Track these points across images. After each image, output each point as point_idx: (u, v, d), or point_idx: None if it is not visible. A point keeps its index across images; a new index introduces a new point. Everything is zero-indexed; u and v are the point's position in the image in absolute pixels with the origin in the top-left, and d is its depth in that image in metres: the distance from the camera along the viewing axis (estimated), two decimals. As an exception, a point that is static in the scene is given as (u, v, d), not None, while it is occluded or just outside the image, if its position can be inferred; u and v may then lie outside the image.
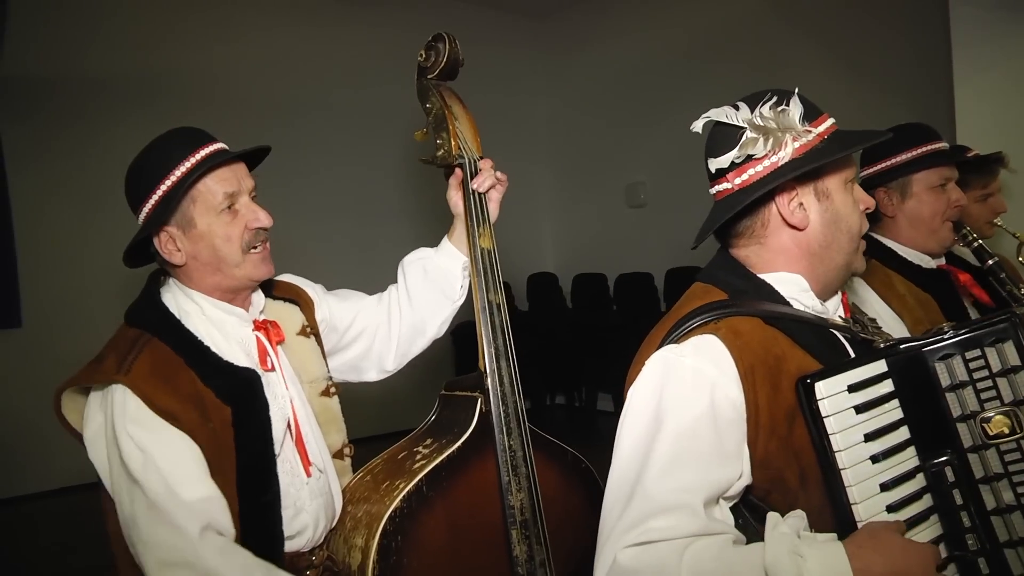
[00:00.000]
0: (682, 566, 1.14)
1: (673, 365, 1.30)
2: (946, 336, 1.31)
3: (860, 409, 1.28)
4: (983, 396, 1.29)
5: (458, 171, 1.98)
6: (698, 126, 1.45)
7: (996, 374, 1.28)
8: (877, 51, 5.72)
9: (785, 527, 1.19)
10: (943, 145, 2.17)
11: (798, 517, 1.24)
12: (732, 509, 1.32)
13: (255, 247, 1.70)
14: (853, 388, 1.28)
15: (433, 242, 2.05)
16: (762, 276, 1.43)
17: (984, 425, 1.27)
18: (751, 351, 1.30)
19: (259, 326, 1.75)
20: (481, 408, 1.81)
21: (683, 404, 1.26)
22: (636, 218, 7.62)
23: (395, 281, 2.06)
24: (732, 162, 1.40)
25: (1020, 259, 2.71)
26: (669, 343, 1.34)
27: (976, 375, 1.29)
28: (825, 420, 1.25)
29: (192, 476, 1.52)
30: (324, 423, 1.83)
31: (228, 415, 1.59)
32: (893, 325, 2.02)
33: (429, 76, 2.01)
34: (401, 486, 1.67)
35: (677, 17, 7.14)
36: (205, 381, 1.59)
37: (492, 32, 7.79)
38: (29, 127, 5.53)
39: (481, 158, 1.98)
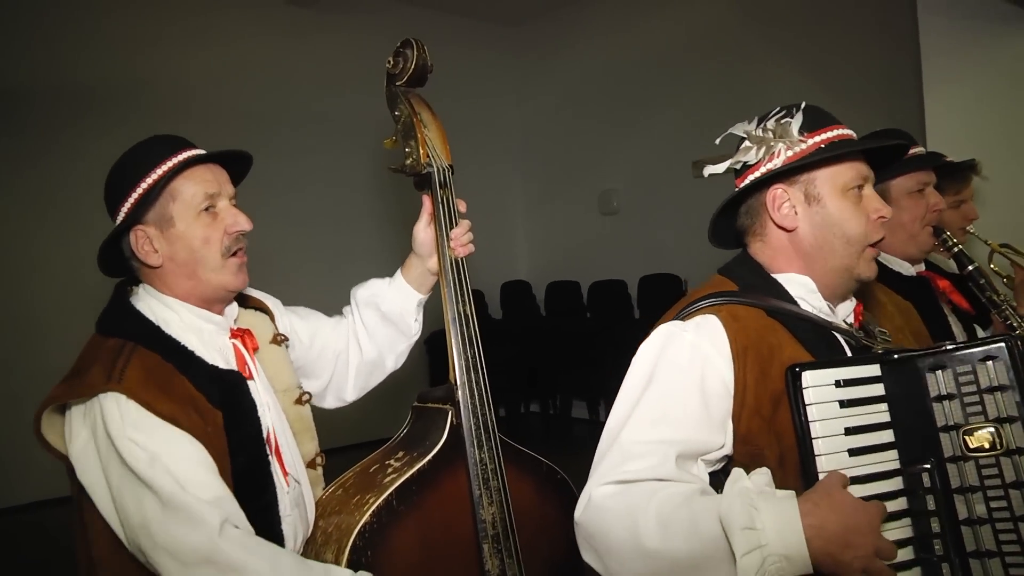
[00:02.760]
0: (650, 507, 1.26)
1: (674, 337, 1.45)
2: (942, 349, 1.37)
3: (844, 404, 1.34)
4: (969, 410, 1.33)
5: (428, 203, 1.95)
6: (718, 140, 1.66)
7: (984, 390, 1.33)
8: (848, 60, 5.78)
9: (747, 482, 1.25)
10: (919, 150, 2.17)
11: (762, 474, 1.29)
12: (713, 481, 1.41)
13: (234, 253, 1.67)
14: (841, 384, 1.34)
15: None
16: (774, 276, 1.55)
17: (966, 438, 1.32)
18: (746, 334, 1.43)
19: (235, 334, 1.73)
20: (452, 420, 1.78)
21: (675, 371, 1.41)
22: (609, 225, 7.63)
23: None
24: (731, 168, 1.57)
25: (992, 266, 2.73)
26: (676, 319, 1.49)
27: (964, 389, 1.34)
28: (808, 407, 1.32)
29: (202, 475, 1.48)
30: (298, 432, 1.80)
31: (220, 419, 1.57)
32: None
33: (398, 83, 1.99)
34: (371, 500, 1.64)
35: (650, 24, 7.17)
36: (197, 387, 1.56)
37: (463, 39, 7.78)
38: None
39: (451, 166, 1.96)
